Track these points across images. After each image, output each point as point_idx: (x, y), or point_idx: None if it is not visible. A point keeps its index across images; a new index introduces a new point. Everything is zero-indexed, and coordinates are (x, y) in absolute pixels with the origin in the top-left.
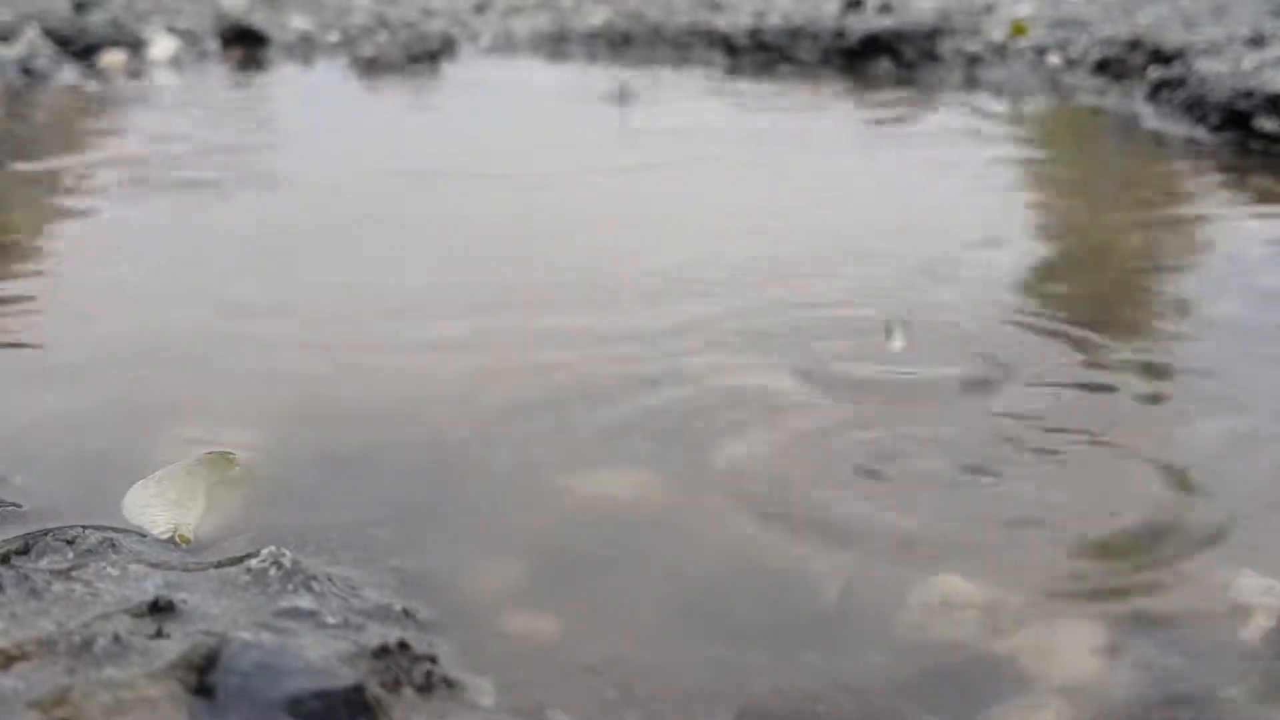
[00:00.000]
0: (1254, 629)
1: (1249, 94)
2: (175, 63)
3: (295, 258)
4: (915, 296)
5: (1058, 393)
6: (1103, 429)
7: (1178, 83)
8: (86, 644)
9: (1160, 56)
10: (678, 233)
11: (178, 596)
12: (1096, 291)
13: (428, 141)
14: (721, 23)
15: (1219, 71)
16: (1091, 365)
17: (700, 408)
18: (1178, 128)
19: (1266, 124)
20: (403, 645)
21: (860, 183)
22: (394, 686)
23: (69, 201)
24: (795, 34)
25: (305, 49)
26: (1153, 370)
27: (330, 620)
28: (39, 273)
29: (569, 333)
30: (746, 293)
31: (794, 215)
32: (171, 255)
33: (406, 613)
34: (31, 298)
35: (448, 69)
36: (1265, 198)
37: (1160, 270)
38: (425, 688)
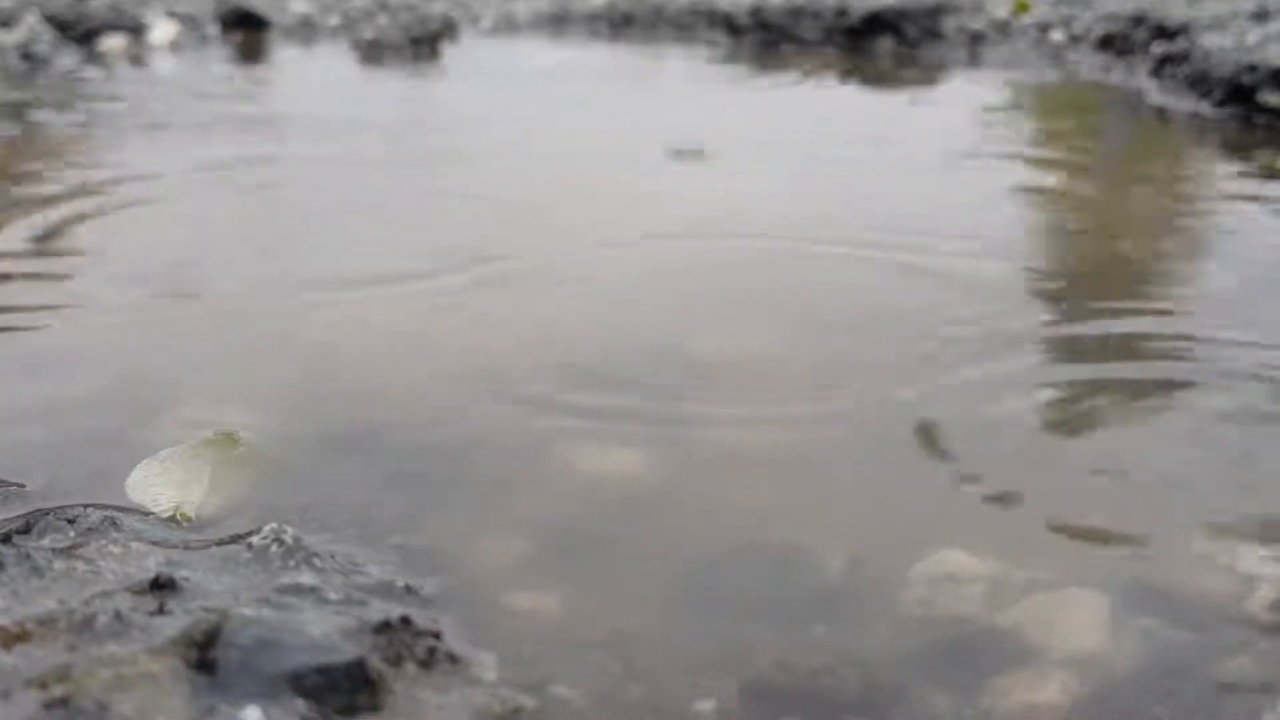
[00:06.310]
0: (1258, 600)
1: (1253, 68)
2: (176, 47)
3: (295, 240)
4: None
5: (1056, 368)
6: (1101, 400)
7: (1181, 58)
8: (88, 621)
9: (1164, 32)
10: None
11: (179, 574)
12: (1095, 263)
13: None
14: (723, 2)
15: (1223, 46)
16: (1090, 336)
17: (703, 381)
18: (1182, 103)
19: (1271, 98)
20: (405, 621)
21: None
22: (396, 661)
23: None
24: (797, 13)
25: (306, 32)
26: (1151, 344)
27: (332, 596)
28: (44, 253)
29: (572, 311)
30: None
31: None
32: (178, 236)
33: (409, 589)
34: (39, 278)
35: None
36: (1269, 172)
37: (1160, 243)
38: (428, 663)
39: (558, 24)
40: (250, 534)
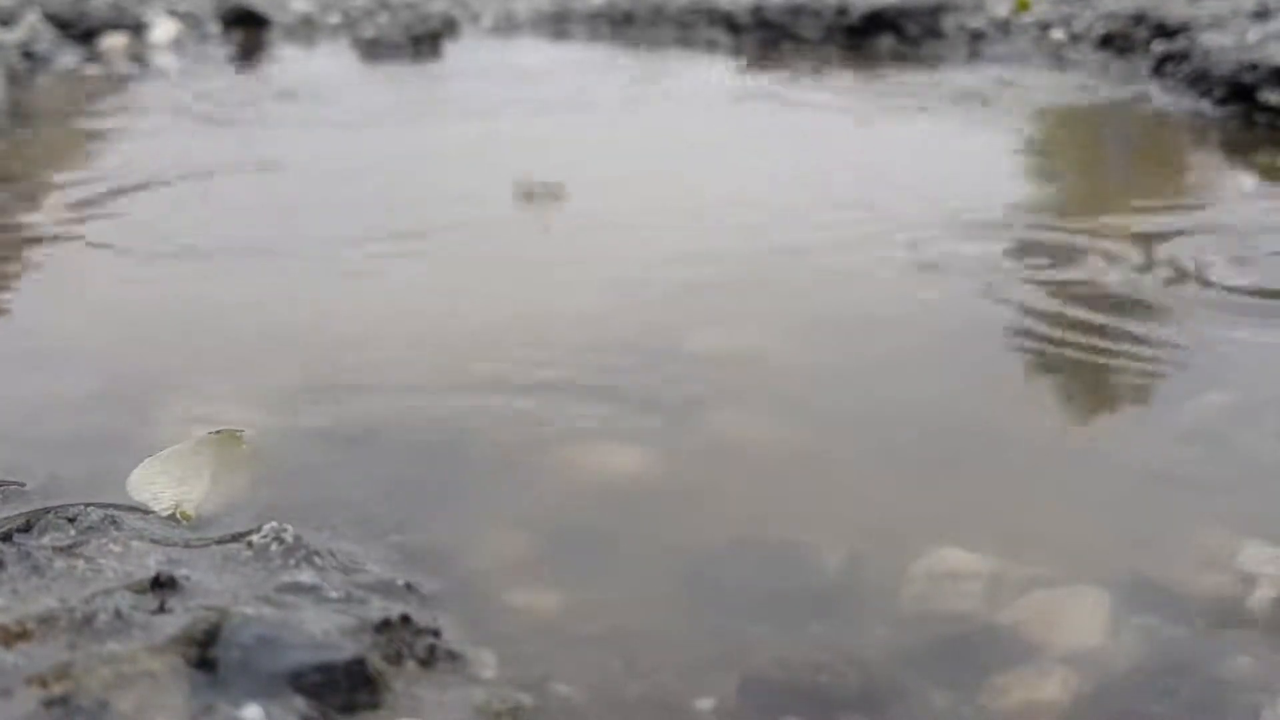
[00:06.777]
0: (1259, 598)
1: (1254, 67)
2: (176, 46)
3: (298, 234)
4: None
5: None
6: (1101, 400)
7: (1182, 57)
8: (88, 619)
9: (1164, 30)
10: None
11: (179, 572)
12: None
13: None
14: (724, 0)
15: (1224, 45)
16: (1091, 334)
17: (704, 379)
18: (1182, 102)
19: (1271, 97)
20: (405, 619)
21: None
22: (396, 659)
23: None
24: (798, 11)
25: (306, 30)
26: (1153, 344)
27: (332, 595)
28: (43, 247)
29: (573, 305)
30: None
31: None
32: (177, 229)
33: (409, 587)
34: (36, 272)
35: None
36: (1269, 171)
37: (1159, 243)
38: (428, 661)
39: (558, 22)
40: (250, 532)
